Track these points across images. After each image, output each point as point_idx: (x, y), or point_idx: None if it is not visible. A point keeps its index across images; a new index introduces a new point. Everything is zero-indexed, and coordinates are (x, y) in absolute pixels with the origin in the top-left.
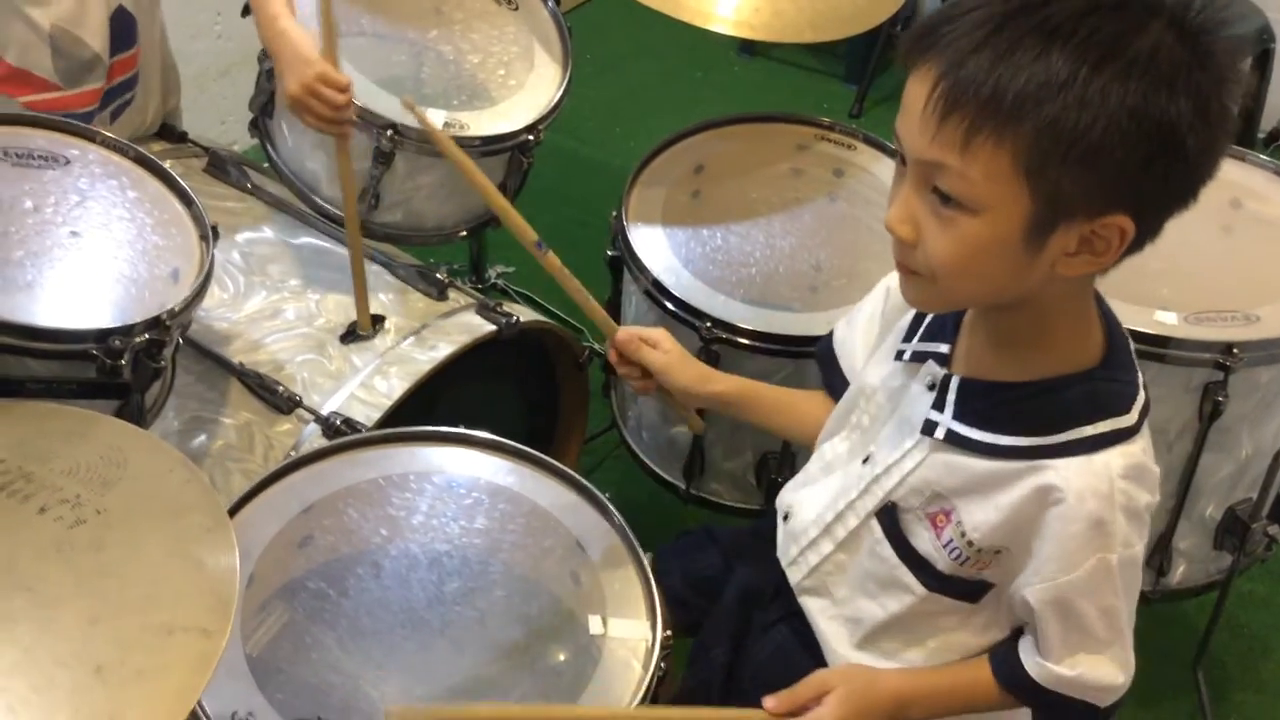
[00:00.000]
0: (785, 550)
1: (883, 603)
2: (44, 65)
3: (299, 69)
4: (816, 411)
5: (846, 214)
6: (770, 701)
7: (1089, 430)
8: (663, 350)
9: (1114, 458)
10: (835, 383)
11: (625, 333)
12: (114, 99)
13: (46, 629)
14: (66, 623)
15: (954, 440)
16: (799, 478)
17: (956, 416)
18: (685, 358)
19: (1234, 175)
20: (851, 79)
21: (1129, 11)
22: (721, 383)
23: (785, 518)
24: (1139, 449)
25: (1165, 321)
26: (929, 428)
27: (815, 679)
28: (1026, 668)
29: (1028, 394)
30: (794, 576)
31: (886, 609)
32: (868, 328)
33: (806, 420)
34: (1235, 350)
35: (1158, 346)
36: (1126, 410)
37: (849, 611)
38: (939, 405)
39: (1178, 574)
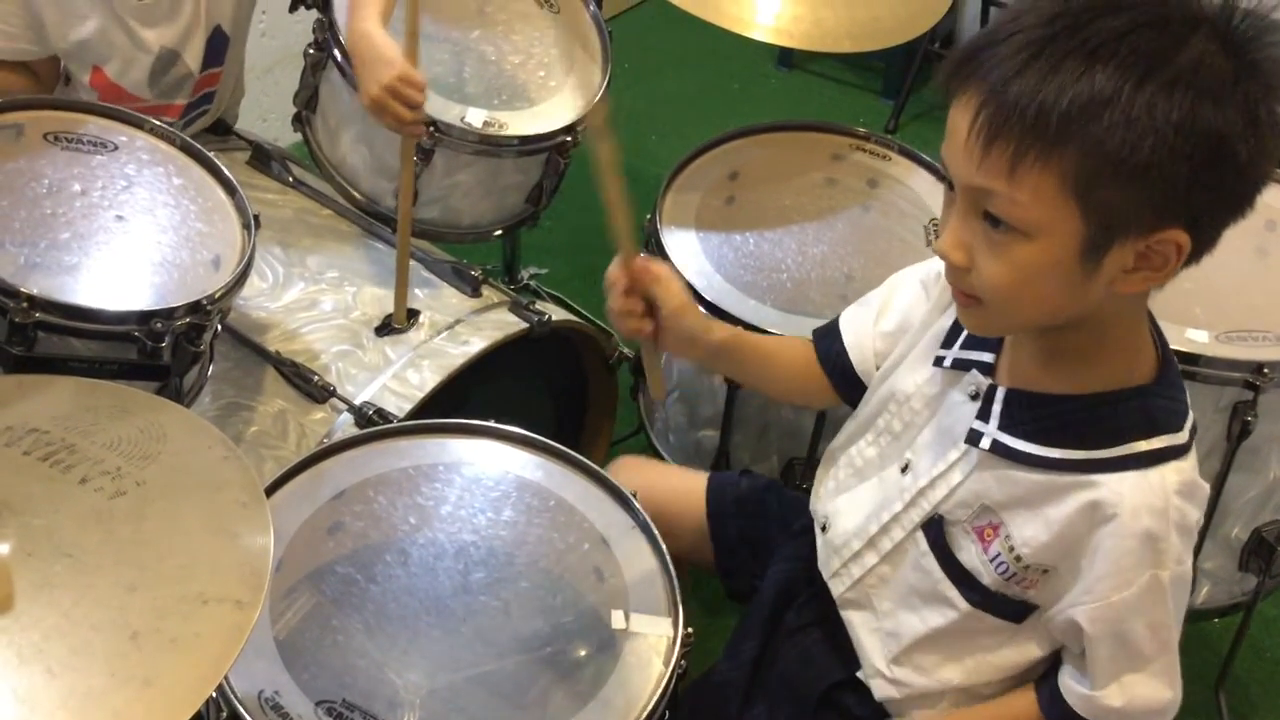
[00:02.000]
0: (826, 562)
1: (924, 616)
2: (140, 82)
3: (380, 70)
4: (795, 364)
5: (880, 224)
6: None
7: (1144, 445)
8: (674, 291)
9: (1169, 474)
10: (827, 348)
11: (646, 260)
12: (190, 112)
13: (85, 595)
14: (105, 589)
15: (1000, 451)
16: (830, 485)
17: (1003, 427)
18: (693, 302)
19: (1269, 198)
20: (888, 94)
21: (1170, 28)
22: (721, 330)
23: (823, 528)
24: (1190, 466)
25: (1196, 340)
26: (974, 438)
27: None
28: (1072, 703)
29: (1079, 407)
30: (836, 589)
31: (927, 623)
32: (888, 319)
33: (786, 371)
34: (1265, 370)
35: (1188, 364)
36: (1179, 428)
37: (890, 625)
38: (984, 416)
39: (1202, 594)
